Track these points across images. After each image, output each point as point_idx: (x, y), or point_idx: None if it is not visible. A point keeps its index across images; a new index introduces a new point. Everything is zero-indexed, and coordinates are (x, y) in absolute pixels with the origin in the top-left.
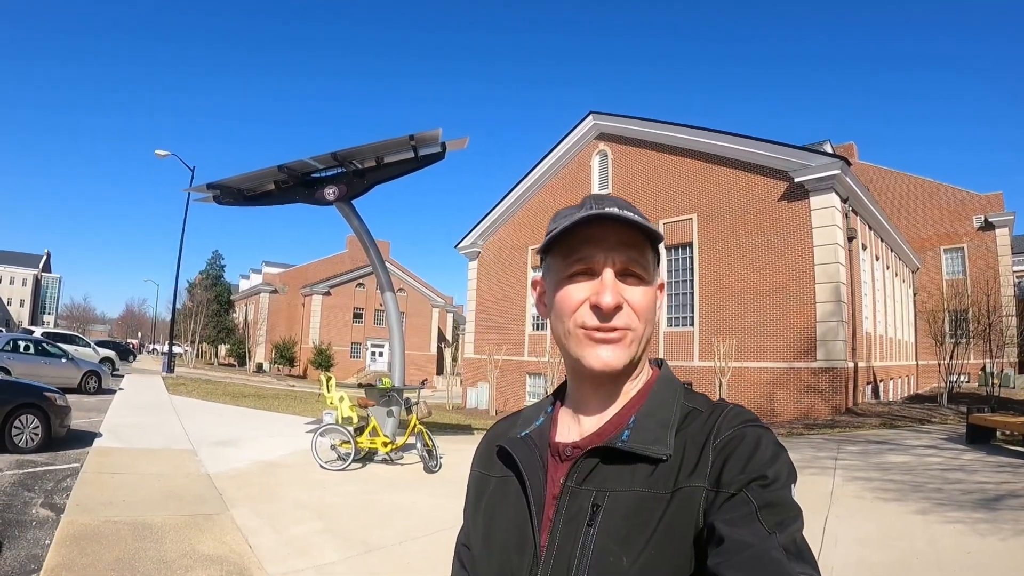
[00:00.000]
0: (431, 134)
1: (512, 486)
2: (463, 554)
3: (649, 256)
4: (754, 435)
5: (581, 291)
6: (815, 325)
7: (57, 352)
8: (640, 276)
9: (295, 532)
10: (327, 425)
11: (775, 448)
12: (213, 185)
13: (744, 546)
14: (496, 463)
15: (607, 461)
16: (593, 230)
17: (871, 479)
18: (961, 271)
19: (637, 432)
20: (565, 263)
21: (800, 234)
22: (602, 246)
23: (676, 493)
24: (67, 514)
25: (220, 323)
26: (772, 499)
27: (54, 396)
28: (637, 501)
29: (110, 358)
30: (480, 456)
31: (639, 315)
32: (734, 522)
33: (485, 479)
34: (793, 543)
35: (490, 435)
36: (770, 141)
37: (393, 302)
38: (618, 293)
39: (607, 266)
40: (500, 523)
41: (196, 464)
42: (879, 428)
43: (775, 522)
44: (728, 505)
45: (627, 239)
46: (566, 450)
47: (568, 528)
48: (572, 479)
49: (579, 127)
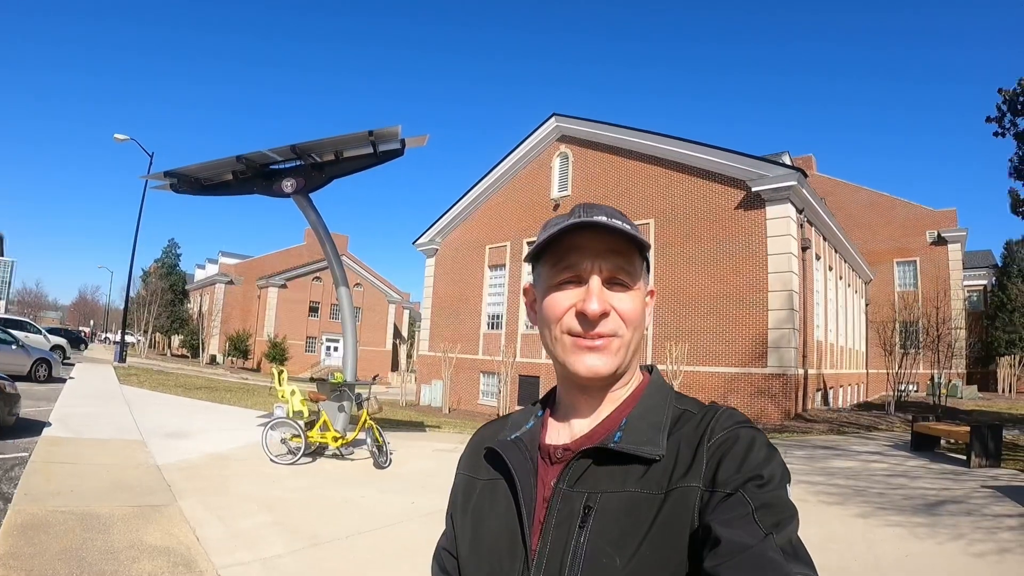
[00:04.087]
0: (391, 130)
1: (501, 489)
2: (446, 561)
3: (637, 263)
4: (748, 436)
5: (568, 298)
6: (767, 331)
7: (7, 338)
8: (627, 284)
9: (243, 525)
10: (278, 419)
11: (769, 449)
12: (170, 173)
13: (742, 547)
14: (483, 466)
15: (599, 463)
16: (581, 238)
17: (815, 483)
18: (913, 284)
19: (629, 433)
20: (553, 271)
21: (755, 242)
22: (589, 253)
23: (670, 494)
24: (14, 504)
25: (174, 313)
26: (769, 499)
27: (3, 383)
28: (630, 502)
29: (61, 346)
30: (466, 460)
31: (627, 322)
32: (731, 523)
33: (472, 482)
34: (790, 543)
35: (477, 439)
36: (729, 150)
37: (347, 297)
38: (604, 300)
39: (594, 273)
40: (489, 526)
41: (146, 455)
42: (827, 434)
43: (772, 523)
44: (724, 505)
45: (615, 247)
46: (557, 452)
47: (560, 530)
48: (563, 481)
49: (541, 128)
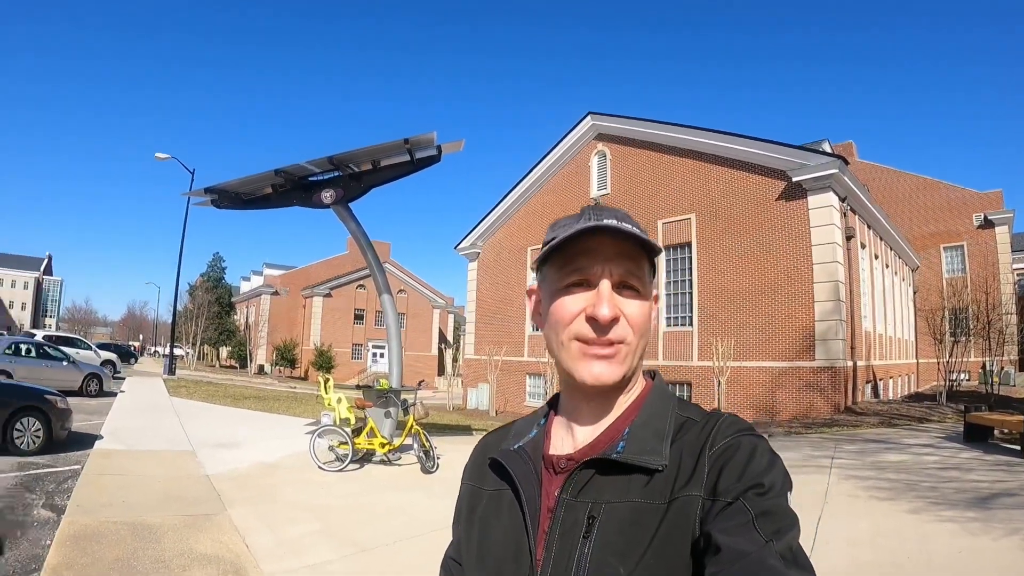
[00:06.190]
0: (426, 137)
1: (506, 499)
2: (453, 570)
3: (646, 268)
4: (749, 444)
5: (577, 302)
6: (814, 324)
7: (58, 355)
8: (637, 288)
9: (292, 532)
10: (325, 426)
11: (770, 457)
12: (211, 189)
13: (742, 555)
14: (489, 476)
15: (602, 473)
16: (590, 241)
17: (866, 478)
18: (961, 269)
19: (632, 443)
20: (561, 273)
21: (798, 233)
22: (599, 257)
23: (672, 503)
24: (68, 515)
25: (221, 325)
26: (769, 507)
27: (55, 399)
28: (633, 512)
29: (111, 360)
30: (472, 469)
31: (634, 328)
32: (731, 531)
33: (478, 492)
34: (790, 551)
35: (480, 448)
36: (768, 141)
37: (390, 304)
38: (615, 305)
39: (604, 277)
40: (494, 537)
41: (196, 465)
42: (877, 427)
43: (772, 530)
44: (725, 514)
45: (624, 251)
46: (560, 463)
47: (564, 541)
48: (567, 491)
49: (577, 128)
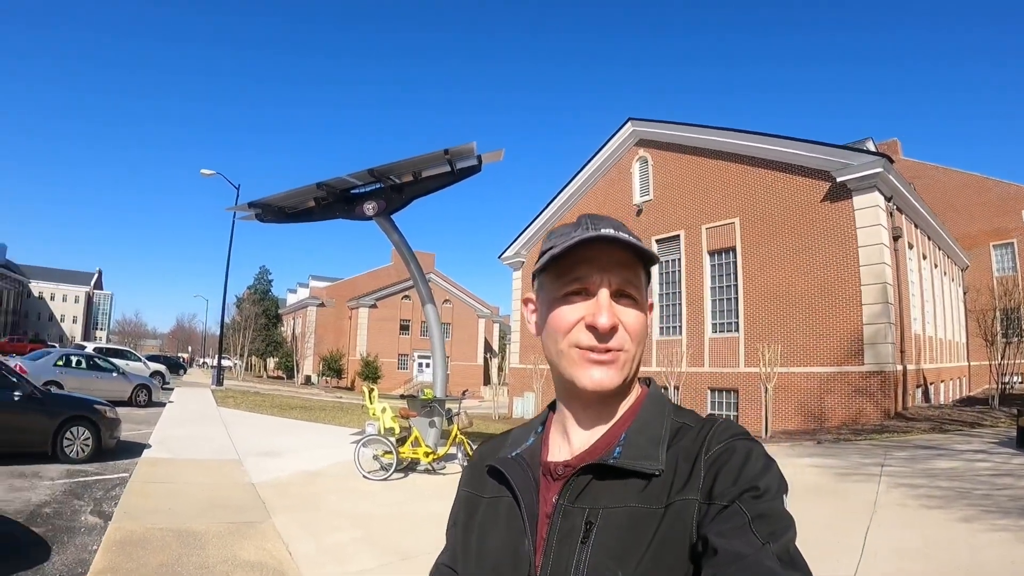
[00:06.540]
0: (466, 147)
1: (503, 506)
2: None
3: (642, 277)
4: (744, 448)
5: (576, 311)
6: (862, 327)
7: (108, 366)
8: (634, 297)
9: (334, 540)
10: (369, 436)
11: (765, 460)
12: (255, 204)
13: (738, 556)
14: (486, 483)
15: (599, 478)
16: (588, 251)
17: (916, 486)
18: (1012, 267)
19: (628, 448)
20: (560, 282)
21: (844, 234)
22: (597, 266)
23: (669, 507)
24: (114, 521)
25: (268, 336)
26: (764, 510)
27: (104, 409)
28: (631, 517)
29: (160, 372)
30: (468, 477)
31: (632, 336)
32: (728, 533)
33: (475, 499)
34: (787, 552)
35: (478, 456)
36: (810, 141)
37: (434, 314)
38: (614, 314)
39: (603, 286)
40: (492, 543)
41: (241, 474)
42: (928, 432)
43: (768, 532)
44: (721, 517)
45: (622, 260)
46: (558, 469)
47: (562, 546)
48: (565, 497)
49: (618, 134)
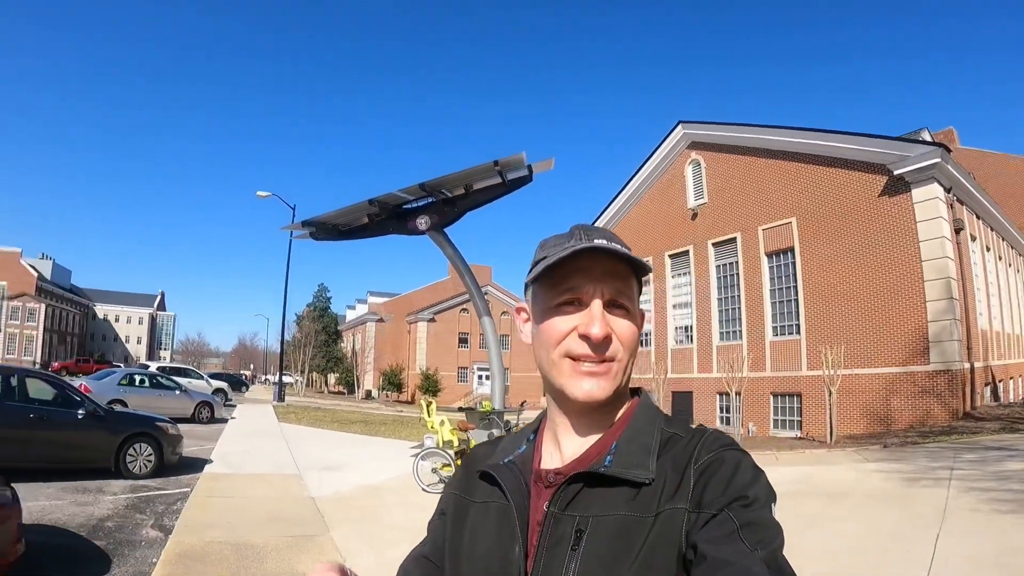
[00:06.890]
0: (516, 158)
1: (494, 512)
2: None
3: (634, 287)
4: (733, 458)
5: (568, 322)
6: (927, 325)
7: (171, 385)
8: (627, 307)
9: (393, 553)
10: (428, 449)
11: (754, 470)
12: (308, 222)
13: (726, 563)
14: (478, 488)
15: (590, 486)
16: (581, 261)
17: (987, 489)
18: None
19: (619, 457)
20: (553, 292)
21: (904, 229)
22: (590, 277)
23: (659, 516)
24: (174, 535)
25: (328, 353)
26: (753, 519)
27: (166, 425)
28: (621, 525)
29: (223, 389)
30: (458, 480)
31: (624, 346)
32: (716, 541)
33: (463, 502)
34: (774, 560)
35: (468, 460)
36: (865, 134)
37: (491, 326)
38: (607, 324)
39: (596, 297)
40: (482, 550)
41: (301, 488)
42: (999, 433)
43: (756, 540)
44: (710, 525)
45: (614, 270)
46: (549, 476)
47: (552, 554)
48: (555, 505)
49: (669, 138)
